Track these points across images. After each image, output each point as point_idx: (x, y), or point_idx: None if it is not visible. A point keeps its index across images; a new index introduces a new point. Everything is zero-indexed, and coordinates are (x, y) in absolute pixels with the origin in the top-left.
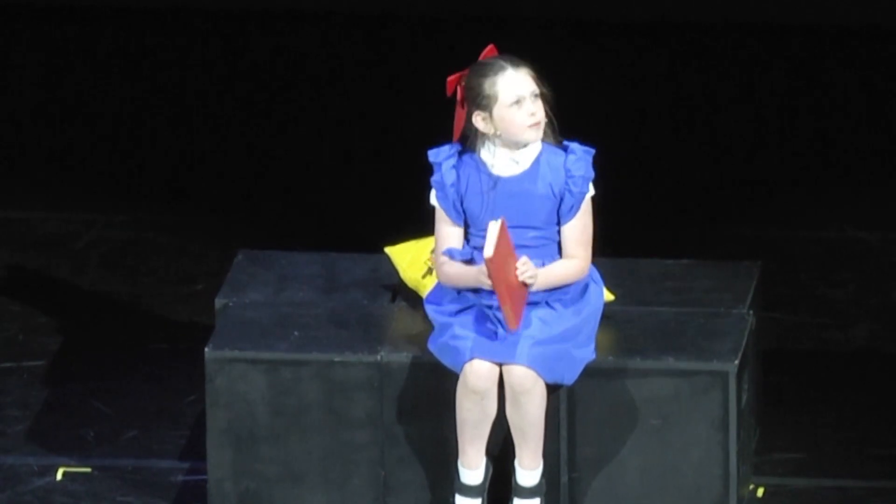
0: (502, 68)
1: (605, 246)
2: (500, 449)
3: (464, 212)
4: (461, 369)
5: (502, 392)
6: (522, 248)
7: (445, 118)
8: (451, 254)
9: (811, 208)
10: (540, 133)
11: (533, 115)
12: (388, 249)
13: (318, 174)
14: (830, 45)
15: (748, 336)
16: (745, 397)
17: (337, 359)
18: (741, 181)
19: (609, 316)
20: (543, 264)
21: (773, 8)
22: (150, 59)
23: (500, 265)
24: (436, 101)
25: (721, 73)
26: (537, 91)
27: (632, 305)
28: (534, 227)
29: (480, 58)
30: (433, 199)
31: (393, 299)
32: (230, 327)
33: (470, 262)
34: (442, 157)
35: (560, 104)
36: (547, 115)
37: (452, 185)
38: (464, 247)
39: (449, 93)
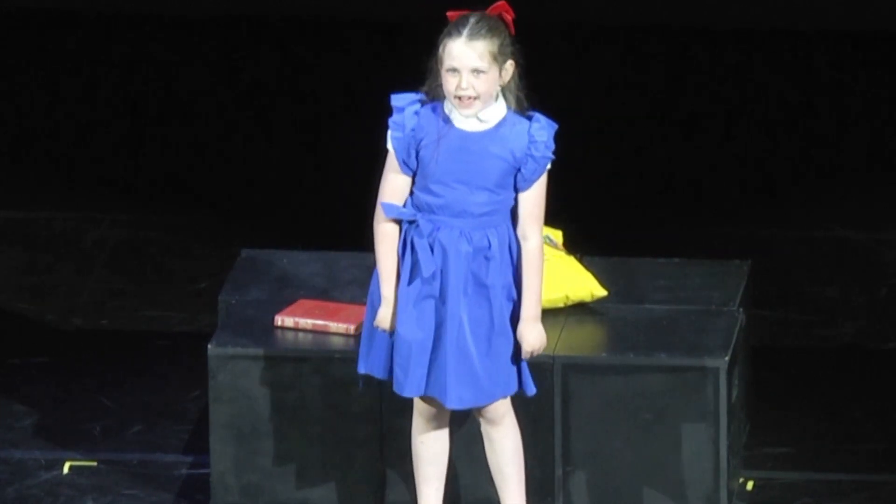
0: (457, 34)
1: (600, 245)
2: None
3: (417, 161)
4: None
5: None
6: (469, 216)
7: None
8: (394, 211)
9: (800, 209)
10: (468, 111)
11: (462, 89)
12: None
13: (318, 174)
14: (821, 48)
15: (738, 333)
16: (735, 393)
17: (337, 355)
18: (733, 182)
19: (602, 313)
20: (488, 238)
21: (766, 12)
22: (153, 60)
23: None
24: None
25: (714, 75)
26: (481, 68)
27: (625, 303)
28: (486, 189)
29: (489, 10)
30: (388, 142)
31: None
32: (232, 324)
33: (412, 223)
34: (405, 102)
35: (555, 103)
36: (509, 86)
37: (413, 129)
38: (407, 203)
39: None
